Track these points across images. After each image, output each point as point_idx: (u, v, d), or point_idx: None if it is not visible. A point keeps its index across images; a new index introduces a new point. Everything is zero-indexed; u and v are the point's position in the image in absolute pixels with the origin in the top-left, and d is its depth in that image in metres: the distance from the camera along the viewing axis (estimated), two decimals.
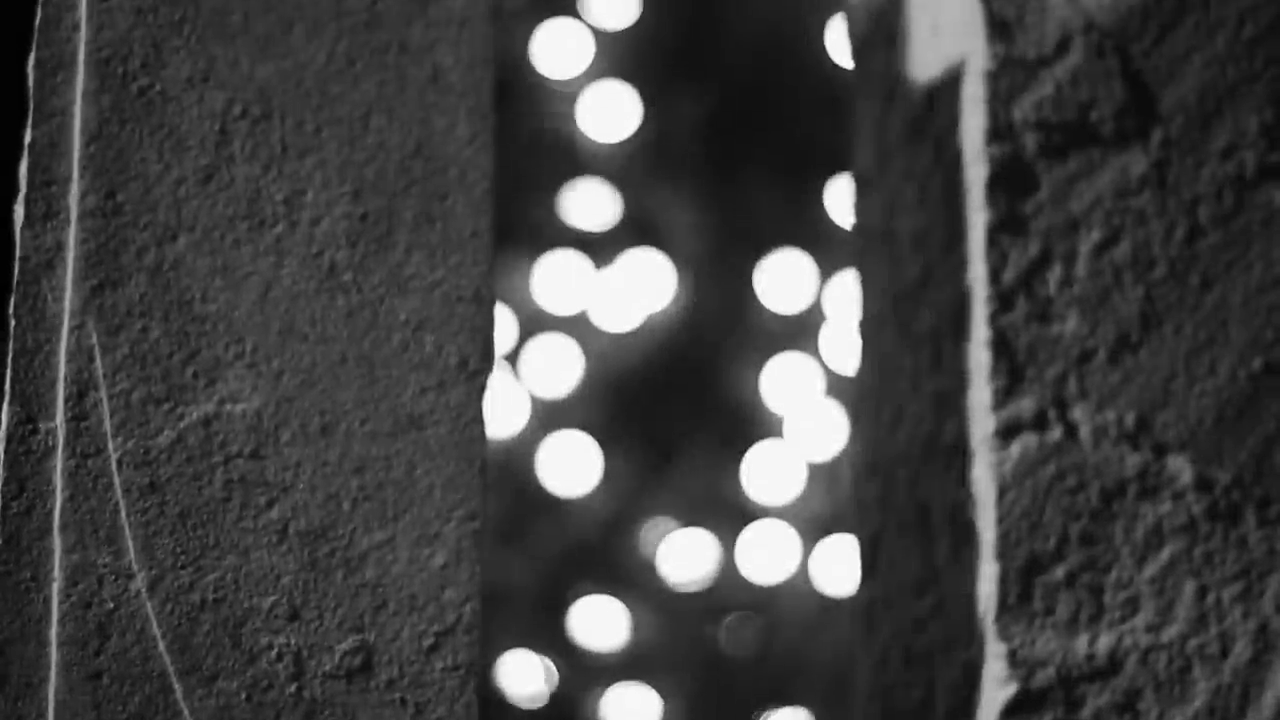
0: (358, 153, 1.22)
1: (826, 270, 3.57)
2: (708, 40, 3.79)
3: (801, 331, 3.58)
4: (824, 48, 3.70)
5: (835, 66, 3.54)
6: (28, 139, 1.21)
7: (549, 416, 3.55)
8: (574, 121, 3.64)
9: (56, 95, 1.21)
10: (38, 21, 1.23)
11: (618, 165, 3.63)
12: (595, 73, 3.69)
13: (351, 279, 1.20)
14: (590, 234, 3.59)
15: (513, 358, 3.52)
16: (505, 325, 3.49)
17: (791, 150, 3.65)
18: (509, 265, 3.45)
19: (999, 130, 1.39)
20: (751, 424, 3.58)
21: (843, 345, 3.45)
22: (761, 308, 3.60)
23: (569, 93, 3.66)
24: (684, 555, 3.53)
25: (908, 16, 1.57)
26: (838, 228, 3.48)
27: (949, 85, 1.46)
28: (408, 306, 1.21)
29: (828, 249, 3.55)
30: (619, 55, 3.71)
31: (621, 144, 3.65)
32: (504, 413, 3.45)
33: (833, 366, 3.53)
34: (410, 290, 1.21)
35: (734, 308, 3.62)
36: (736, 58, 3.80)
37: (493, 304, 1.22)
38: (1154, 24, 1.43)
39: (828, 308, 3.57)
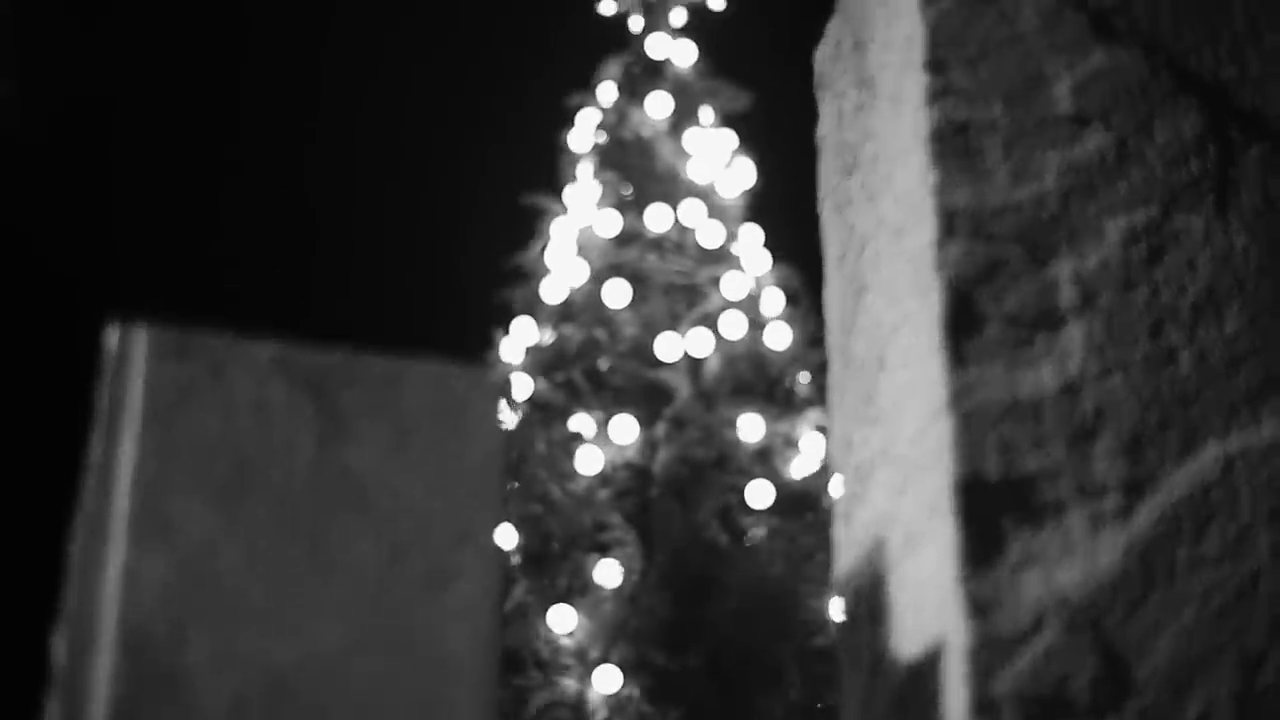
0: None
1: None
2: (699, 606, 3.87)
3: None
4: (817, 610, 3.78)
5: (828, 628, 3.62)
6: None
7: None
8: (578, 684, 3.68)
9: (83, 670, 1.27)
10: (65, 594, 1.30)
11: None
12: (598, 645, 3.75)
13: None
14: None
15: None
16: None
17: None
18: None
19: (981, 705, 1.43)
20: None
21: None
22: None
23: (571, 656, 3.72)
24: None
25: (890, 595, 1.63)
26: None
27: (931, 661, 1.51)
28: None
29: None
30: (620, 619, 3.78)
31: (619, 694, 3.67)
32: None
33: None
34: None
35: None
36: (728, 623, 3.88)
37: None
38: (1124, 598, 1.49)
39: None
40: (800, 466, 6.58)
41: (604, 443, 6.21)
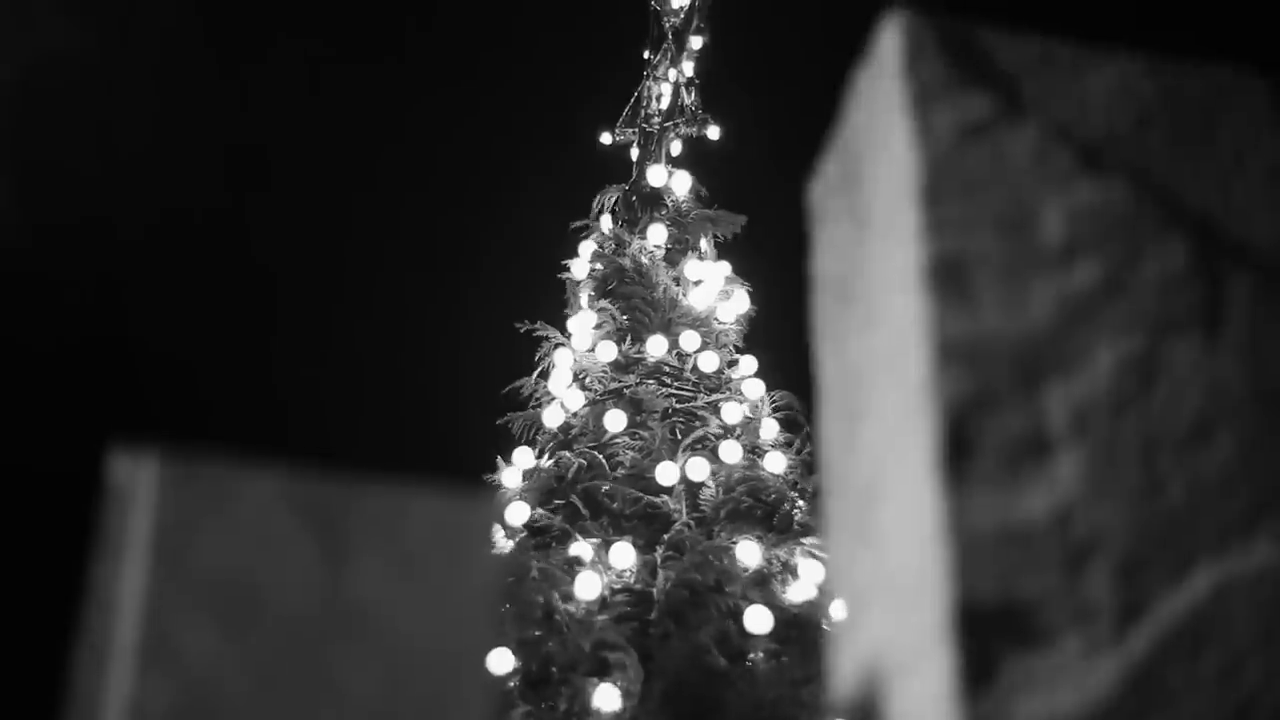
0: None
1: None
2: None
3: None
4: None
5: None
6: None
7: None
8: None
9: None
10: None
11: None
12: None
13: None
14: None
15: None
16: None
17: None
18: None
19: None
20: None
21: None
22: None
23: None
24: None
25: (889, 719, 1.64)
26: None
27: None
28: None
29: None
30: None
31: None
32: None
33: None
34: None
35: None
36: None
37: None
38: None
39: None
40: (798, 591, 6.57)
41: (603, 567, 6.20)
